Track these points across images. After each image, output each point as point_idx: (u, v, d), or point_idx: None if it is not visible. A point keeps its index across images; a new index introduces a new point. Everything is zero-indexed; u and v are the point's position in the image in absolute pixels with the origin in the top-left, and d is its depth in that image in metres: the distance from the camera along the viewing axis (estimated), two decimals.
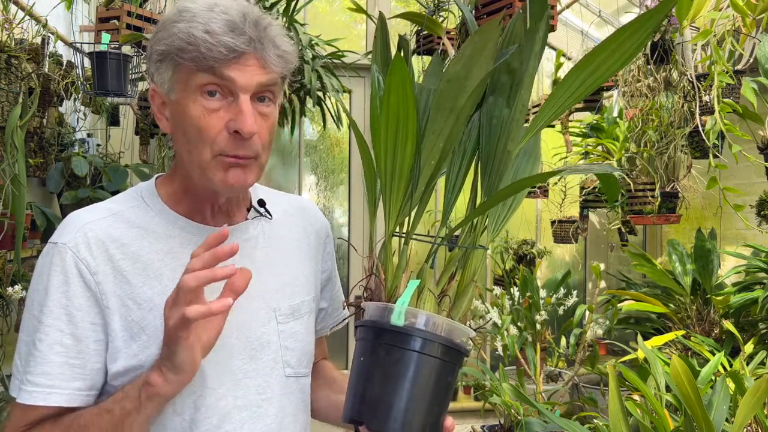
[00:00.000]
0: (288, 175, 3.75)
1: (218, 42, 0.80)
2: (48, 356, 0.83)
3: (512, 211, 0.93)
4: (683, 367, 1.13)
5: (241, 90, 0.83)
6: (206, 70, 0.81)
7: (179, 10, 0.84)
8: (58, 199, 2.55)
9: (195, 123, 0.83)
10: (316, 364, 1.17)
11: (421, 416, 0.79)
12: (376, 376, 0.79)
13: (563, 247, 4.21)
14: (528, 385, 2.14)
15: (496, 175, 0.86)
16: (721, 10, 2.07)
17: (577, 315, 2.39)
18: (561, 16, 3.54)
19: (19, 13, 2.10)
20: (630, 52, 0.73)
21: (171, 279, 0.87)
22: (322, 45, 2.36)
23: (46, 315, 0.83)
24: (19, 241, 1.89)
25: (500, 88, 0.86)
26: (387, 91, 0.75)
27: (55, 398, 0.83)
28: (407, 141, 0.79)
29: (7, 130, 1.81)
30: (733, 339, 2.13)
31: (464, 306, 0.88)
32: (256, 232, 0.98)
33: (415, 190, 0.85)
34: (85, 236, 0.86)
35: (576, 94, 0.78)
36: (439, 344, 0.78)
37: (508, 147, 0.85)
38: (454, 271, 0.89)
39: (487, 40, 0.78)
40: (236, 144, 0.84)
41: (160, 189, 0.94)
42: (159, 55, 0.84)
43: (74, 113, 2.89)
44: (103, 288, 0.85)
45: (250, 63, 0.83)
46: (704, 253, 2.39)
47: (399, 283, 0.85)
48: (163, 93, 0.86)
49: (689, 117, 2.51)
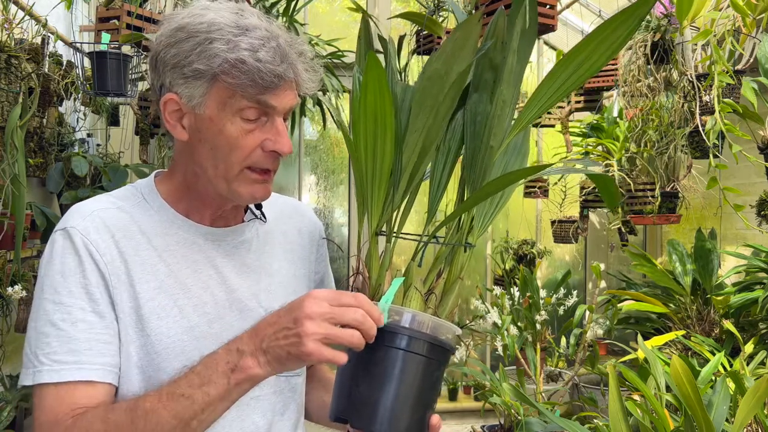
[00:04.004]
0: (288, 175, 3.76)
1: (269, 72, 0.82)
2: (73, 333, 0.82)
3: (499, 208, 0.93)
4: (683, 367, 1.13)
5: (277, 113, 0.86)
6: (249, 96, 0.83)
7: (207, 23, 0.83)
8: (58, 199, 2.55)
9: (231, 142, 0.84)
10: (311, 367, 1.17)
11: (406, 414, 0.78)
12: (361, 374, 0.79)
13: (563, 247, 4.22)
14: (528, 385, 2.14)
15: (480, 172, 0.87)
16: (721, 10, 2.07)
17: (577, 315, 2.39)
18: (561, 16, 3.54)
19: (19, 13, 2.11)
20: (615, 46, 0.74)
21: (167, 274, 0.89)
22: (322, 45, 2.37)
23: (64, 296, 0.83)
24: (19, 241, 1.89)
25: (484, 85, 0.87)
26: (363, 90, 0.76)
27: (85, 373, 0.81)
28: (386, 139, 0.79)
29: (7, 130, 1.81)
30: (733, 339, 2.13)
31: (451, 303, 0.88)
32: (251, 234, 0.99)
33: (397, 189, 0.85)
34: (94, 221, 0.87)
35: (562, 89, 0.78)
36: (424, 341, 0.78)
37: (491, 143, 0.85)
38: (441, 268, 0.88)
39: (467, 36, 0.78)
40: (268, 160, 0.87)
41: (160, 186, 0.94)
42: (193, 72, 0.82)
43: (74, 113, 2.89)
44: (110, 269, 0.85)
45: (287, 88, 0.85)
46: (704, 253, 2.39)
47: (383, 281, 0.85)
48: (187, 105, 0.85)
49: (689, 117, 2.51)
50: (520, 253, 3.60)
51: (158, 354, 0.86)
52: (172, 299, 0.88)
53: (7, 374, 2.07)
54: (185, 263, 0.90)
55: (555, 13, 1.93)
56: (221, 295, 0.92)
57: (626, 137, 2.62)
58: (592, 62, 0.75)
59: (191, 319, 0.89)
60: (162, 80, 0.86)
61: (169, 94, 0.85)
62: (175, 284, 0.89)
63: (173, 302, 0.88)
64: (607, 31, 0.73)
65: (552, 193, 3.36)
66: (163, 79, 0.86)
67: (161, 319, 0.87)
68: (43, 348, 0.82)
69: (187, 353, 0.87)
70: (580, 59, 0.75)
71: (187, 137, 0.87)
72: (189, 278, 0.90)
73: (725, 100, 2.11)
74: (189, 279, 0.90)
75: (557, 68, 0.77)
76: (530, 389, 2.13)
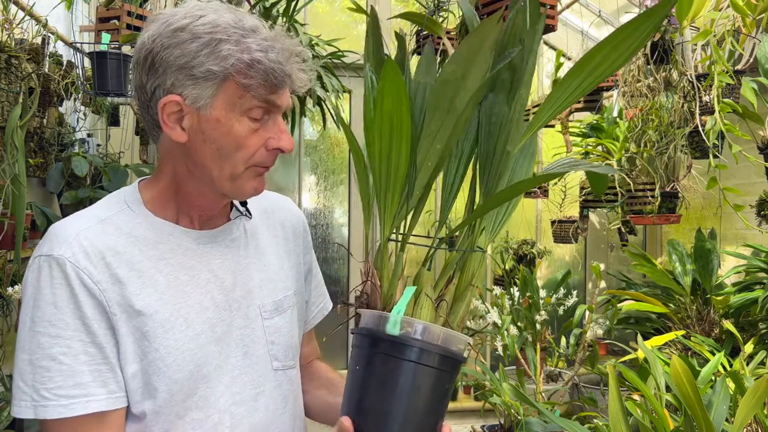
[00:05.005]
0: (288, 175, 3.75)
1: (281, 71, 0.83)
2: (76, 367, 0.81)
3: (509, 212, 0.92)
4: (683, 367, 1.13)
5: (279, 112, 0.88)
6: (260, 96, 0.83)
7: (210, 24, 0.82)
8: (58, 199, 2.55)
9: (239, 141, 0.85)
10: (312, 365, 1.18)
11: (417, 425, 0.78)
12: (372, 385, 0.79)
13: (563, 247, 4.21)
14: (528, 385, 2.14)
15: (495, 176, 0.85)
16: (721, 10, 2.07)
17: (577, 315, 2.39)
18: (561, 16, 3.54)
19: (19, 13, 2.10)
20: (629, 51, 0.74)
21: (166, 285, 0.88)
22: (322, 45, 2.37)
23: (61, 329, 0.81)
24: (19, 241, 1.89)
25: (500, 85, 0.85)
26: (380, 96, 0.75)
27: (93, 405, 0.82)
28: (401, 146, 0.79)
29: (7, 130, 1.81)
30: (733, 339, 2.13)
31: (462, 310, 0.86)
32: (239, 232, 0.99)
33: (412, 195, 0.84)
34: (81, 245, 0.84)
35: (576, 93, 0.78)
36: (436, 354, 0.78)
37: (507, 147, 0.84)
38: (452, 274, 0.88)
39: (484, 38, 0.77)
40: (270, 158, 0.89)
41: (144, 194, 0.92)
42: (204, 73, 0.81)
43: (74, 113, 2.89)
44: (107, 296, 0.84)
45: (287, 88, 0.87)
46: (704, 253, 2.39)
47: (395, 290, 0.84)
48: (191, 106, 0.83)
49: (689, 117, 2.51)
50: (520, 253, 3.60)
51: (168, 366, 0.86)
52: (175, 309, 0.87)
53: (7, 374, 2.07)
54: (182, 270, 0.90)
55: (555, 13, 1.92)
56: (220, 297, 0.92)
57: (626, 137, 2.62)
58: (606, 66, 0.75)
59: (196, 326, 0.89)
60: (160, 81, 0.84)
61: (171, 95, 0.83)
62: (175, 294, 0.88)
63: (177, 312, 0.87)
64: (622, 36, 0.73)
65: (552, 193, 3.36)
66: (162, 80, 0.83)
67: (167, 332, 0.86)
68: (46, 383, 0.81)
69: (195, 360, 0.88)
70: (593, 64, 0.75)
71: (186, 139, 0.85)
72: (188, 285, 0.90)
73: (725, 100, 2.11)
74: (188, 286, 0.89)
75: (572, 72, 0.77)
76: (530, 389, 2.13)
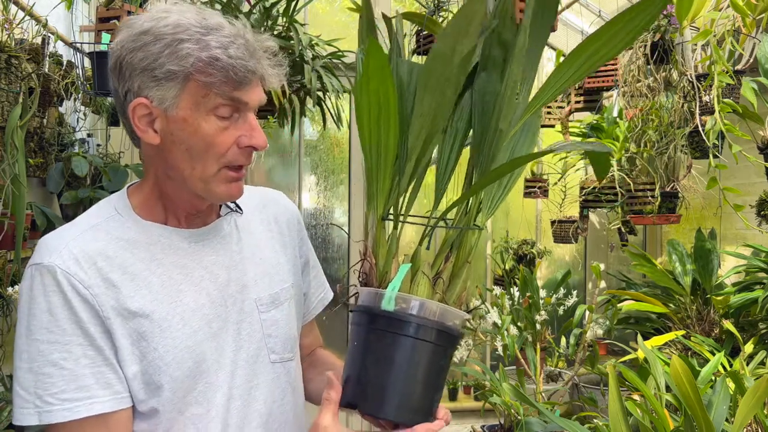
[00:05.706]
0: (288, 175, 3.75)
1: (242, 67, 0.82)
2: (77, 370, 0.82)
3: (508, 190, 0.92)
4: (683, 367, 1.13)
5: (249, 109, 0.87)
6: (223, 93, 0.83)
7: (173, 24, 0.82)
8: (58, 199, 2.55)
9: (208, 140, 0.85)
10: (314, 353, 1.19)
11: (414, 400, 0.80)
12: (369, 360, 0.80)
13: (563, 247, 4.21)
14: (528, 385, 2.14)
15: (489, 154, 0.86)
16: (721, 10, 2.07)
17: (577, 315, 2.39)
18: (561, 16, 3.54)
19: (19, 13, 2.10)
20: (632, 34, 0.74)
21: (160, 285, 0.88)
22: (322, 45, 2.36)
23: (58, 334, 0.82)
24: (19, 241, 1.89)
25: (492, 63, 0.85)
26: (365, 76, 0.75)
27: (97, 407, 0.82)
28: (389, 124, 0.79)
29: (7, 130, 1.81)
30: (733, 339, 2.13)
31: (459, 287, 0.87)
32: (230, 227, 0.99)
33: (404, 173, 0.85)
34: (71, 252, 0.84)
35: (579, 73, 0.79)
36: (431, 328, 0.79)
37: (500, 125, 0.84)
38: (449, 252, 0.88)
39: (473, 14, 0.77)
40: (244, 156, 0.88)
41: (132, 199, 0.93)
42: (165, 73, 0.82)
43: (74, 113, 2.89)
44: (100, 300, 0.84)
45: (256, 84, 0.86)
46: (704, 253, 2.39)
47: (390, 268, 0.85)
48: (158, 108, 0.84)
49: (689, 117, 2.52)
50: (520, 253, 3.60)
51: (168, 365, 0.86)
52: (171, 308, 0.88)
53: (8, 374, 2.07)
54: (175, 270, 0.90)
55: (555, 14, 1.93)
56: (215, 293, 0.93)
57: (626, 137, 2.62)
58: (609, 48, 0.75)
59: (192, 324, 0.89)
60: (128, 85, 0.85)
61: (138, 98, 0.84)
62: (170, 293, 0.88)
63: (173, 311, 0.88)
64: (625, 19, 0.73)
65: (552, 193, 3.36)
66: (130, 84, 0.85)
67: (165, 331, 0.87)
68: (49, 389, 0.81)
69: (194, 357, 0.89)
70: (597, 46, 0.76)
71: (159, 141, 0.86)
72: (182, 284, 0.90)
73: (725, 100, 2.11)
74: (182, 285, 0.90)
75: (576, 52, 0.77)
76: (530, 389, 2.13)
